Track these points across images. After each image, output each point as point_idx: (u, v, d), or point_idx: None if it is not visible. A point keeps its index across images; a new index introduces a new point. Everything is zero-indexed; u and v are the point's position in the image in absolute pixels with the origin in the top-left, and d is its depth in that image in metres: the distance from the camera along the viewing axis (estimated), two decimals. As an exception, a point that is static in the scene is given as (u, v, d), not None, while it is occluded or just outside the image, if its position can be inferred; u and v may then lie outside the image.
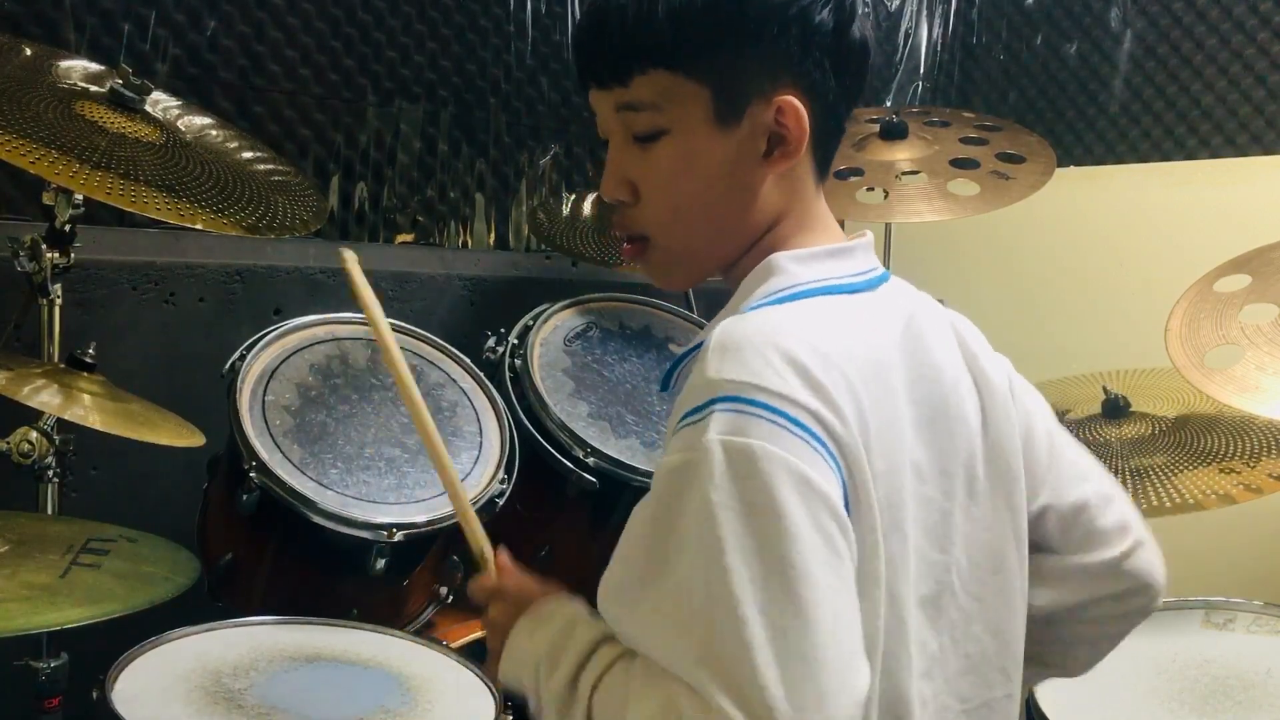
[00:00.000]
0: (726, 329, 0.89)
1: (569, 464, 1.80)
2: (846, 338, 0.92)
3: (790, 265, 0.97)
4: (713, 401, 0.84)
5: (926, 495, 0.97)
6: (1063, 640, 1.14)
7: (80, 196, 1.56)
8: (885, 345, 0.96)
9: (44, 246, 1.57)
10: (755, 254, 1.00)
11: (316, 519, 1.60)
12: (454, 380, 1.89)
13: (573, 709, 0.88)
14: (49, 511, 1.59)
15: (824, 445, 0.84)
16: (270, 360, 1.75)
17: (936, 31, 3.18)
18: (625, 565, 0.87)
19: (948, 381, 1.01)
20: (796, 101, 0.95)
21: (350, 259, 1.12)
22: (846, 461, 0.86)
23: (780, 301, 0.95)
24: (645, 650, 0.84)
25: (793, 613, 0.78)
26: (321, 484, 1.63)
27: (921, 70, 3.17)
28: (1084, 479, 1.12)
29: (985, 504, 1.02)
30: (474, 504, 1.69)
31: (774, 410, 0.83)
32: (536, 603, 0.99)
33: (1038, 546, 1.10)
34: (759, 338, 0.87)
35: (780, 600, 0.78)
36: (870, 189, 2.13)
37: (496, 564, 1.09)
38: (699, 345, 0.93)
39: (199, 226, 1.53)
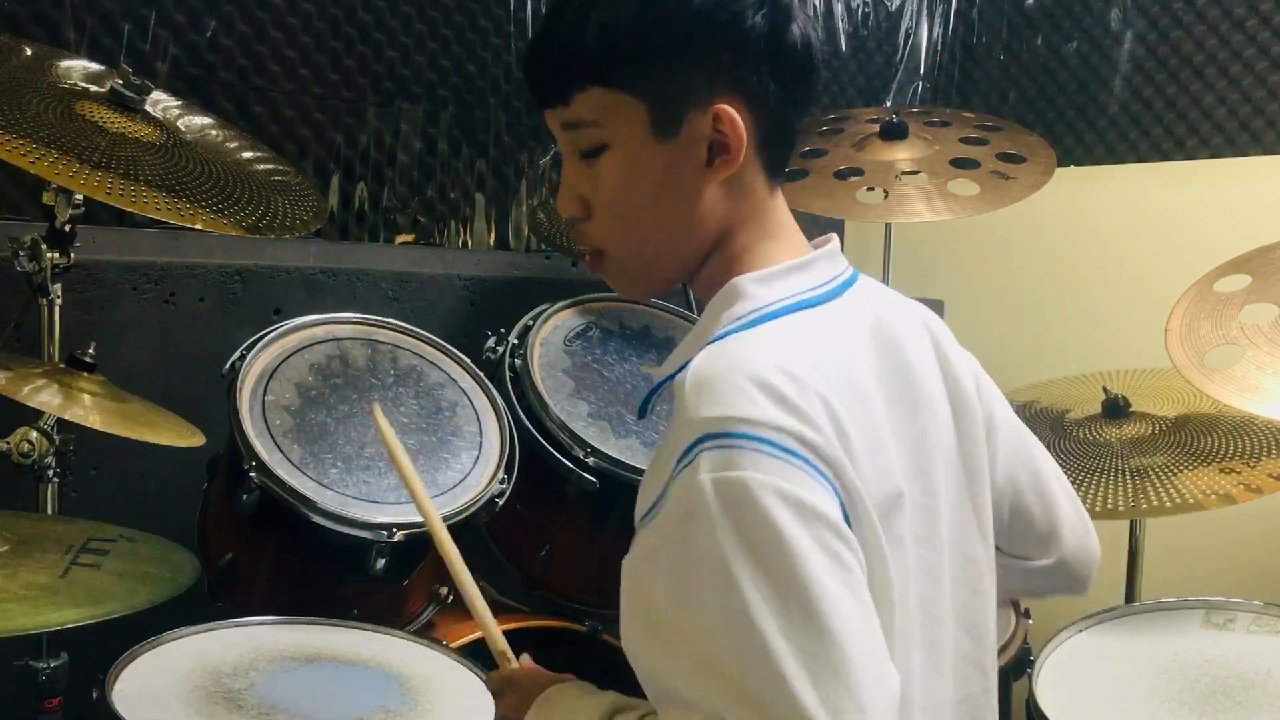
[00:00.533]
0: (698, 367, 0.90)
1: (569, 464, 1.80)
2: (816, 354, 0.92)
3: (753, 288, 0.98)
4: (697, 442, 0.85)
5: (913, 496, 0.98)
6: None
7: (80, 196, 1.56)
8: (854, 353, 0.97)
9: (44, 246, 1.57)
10: (717, 262, 1.01)
11: (316, 519, 1.60)
12: (454, 380, 1.89)
13: None
14: (49, 511, 1.59)
15: (811, 464, 0.85)
16: (270, 360, 1.75)
17: (936, 31, 3.18)
18: (645, 612, 0.87)
19: (918, 378, 1.02)
20: (731, 110, 0.96)
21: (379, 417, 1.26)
22: (837, 476, 0.87)
23: (747, 326, 0.95)
24: (679, 692, 0.83)
25: (815, 631, 0.79)
26: (321, 484, 1.64)
27: (921, 70, 3.17)
28: (1032, 487, 1.15)
29: (959, 499, 1.04)
30: (474, 504, 1.70)
31: (756, 439, 0.84)
32: (546, 690, 1.02)
33: None
34: (730, 370, 0.88)
35: (801, 622, 0.79)
36: (870, 189, 2.13)
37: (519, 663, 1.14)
38: (671, 376, 0.94)
39: (199, 226, 1.53)
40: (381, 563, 1.62)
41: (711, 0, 0.95)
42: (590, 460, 1.80)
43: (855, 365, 0.96)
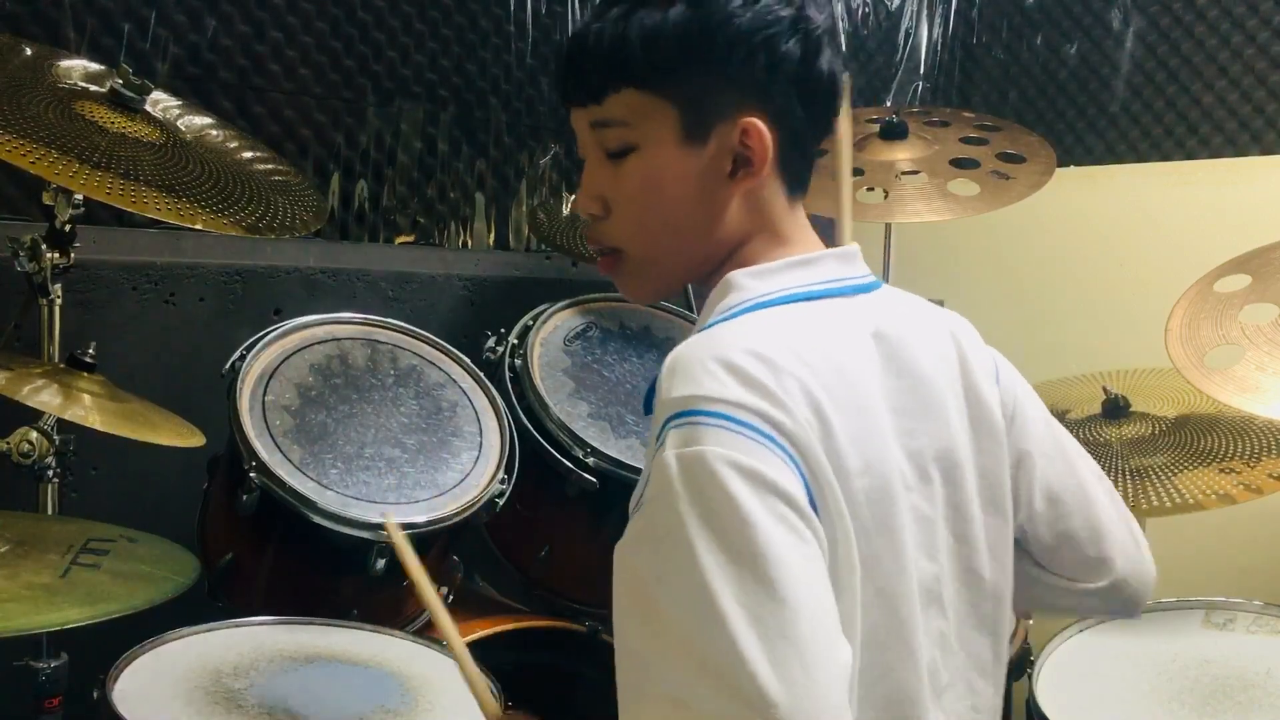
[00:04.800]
0: (674, 353, 0.93)
1: (569, 464, 1.80)
2: (799, 341, 0.93)
3: (746, 281, 1.00)
4: (666, 423, 0.88)
5: (914, 503, 0.98)
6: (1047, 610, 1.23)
7: (80, 196, 1.57)
8: (850, 348, 0.98)
9: (44, 246, 1.57)
10: (728, 269, 1.03)
11: (316, 519, 1.60)
12: (454, 380, 1.89)
13: None
14: (49, 511, 1.59)
15: (774, 441, 0.86)
16: (270, 360, 1.75)
17: (936, 31, 3.17)
18: (630, 594, 0.88)
19: (927, 389, 1.02)
20: (760, 124, 0.99)
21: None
22: (803, 456, 0.88)
23: (732, 316, 0.97)
24: (651, 676, 0.84)
25: (767, 597, 0.80)
26: (321, 484, 1.64)
27: (921, 70, 3.17)
28: (1082, 509, 1.14)
29: (972, 520, 1.04)
30: (474, 504, 1.70)
31: (718, 415, 0.86)
32: None
33: (1029, 556, 1.14)
34: (700, 353, 0.91)
35: (753, 588, 0.80)
36: (870, 189, 2.13)
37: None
38: None
39: (199, 226, 1.53)
40: (381, 563, 1.62)
41: (751, 21, 0.97)
42: (590, 460, 1.80)
43: (851, 359, 0.97)
